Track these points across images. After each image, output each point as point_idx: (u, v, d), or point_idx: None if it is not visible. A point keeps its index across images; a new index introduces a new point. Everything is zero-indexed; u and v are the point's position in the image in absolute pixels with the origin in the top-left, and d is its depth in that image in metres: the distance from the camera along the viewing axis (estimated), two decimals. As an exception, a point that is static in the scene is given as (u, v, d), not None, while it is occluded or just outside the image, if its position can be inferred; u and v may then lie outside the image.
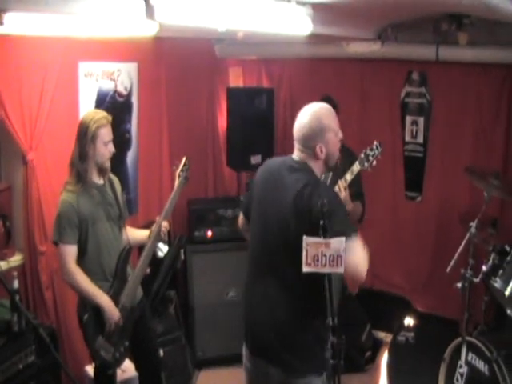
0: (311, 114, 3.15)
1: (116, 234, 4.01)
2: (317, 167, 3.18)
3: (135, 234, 4.23)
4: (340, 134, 3.26)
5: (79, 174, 3.79)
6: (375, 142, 4.18)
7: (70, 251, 3.76)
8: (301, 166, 3.15)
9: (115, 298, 3.88)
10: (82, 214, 3.77)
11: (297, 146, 3.19)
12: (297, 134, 3.17)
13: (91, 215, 3.82)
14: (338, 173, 4.38)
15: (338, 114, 4.53)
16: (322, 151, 3.12)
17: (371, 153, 4.16)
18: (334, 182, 4.19)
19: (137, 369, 4.34)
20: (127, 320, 3.94)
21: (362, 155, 4.19)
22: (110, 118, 3.89)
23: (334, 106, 4.57)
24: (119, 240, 4.03)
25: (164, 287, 5.06)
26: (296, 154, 3.20)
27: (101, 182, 3.96)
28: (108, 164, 3.93)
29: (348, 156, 4.65)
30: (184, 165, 4.12)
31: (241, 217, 3.56)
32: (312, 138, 3.11)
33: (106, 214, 3.93)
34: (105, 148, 3.83)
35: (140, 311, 4.11)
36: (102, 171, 3.93)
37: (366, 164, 4.17)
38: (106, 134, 3.83)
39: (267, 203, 3.19)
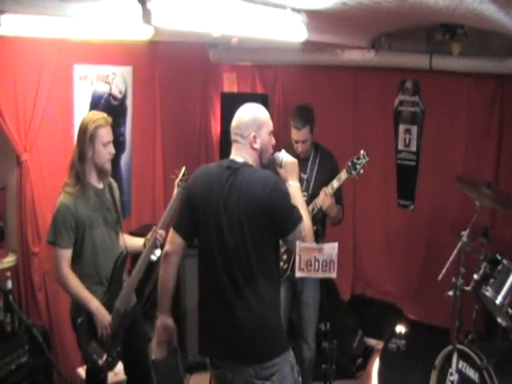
0: (249, 109, 3.29)
1: (113, 238, 3.99)
2: (254, 162, 3.27)
3: (130, 241, 4.20)
4: (273, 140, 3.34)
5: (78, 176, 3.76)
6: (362, 151, 4.23)
7: (65, 255, 3.73)
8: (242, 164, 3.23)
9: (110, 303, 3.87)
10: (80, 217, 3.74)
11: (234, 138, 3.28)
12: (234, 125, 3.28)
13: (88, 219, 3.79)
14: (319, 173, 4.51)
15: (315, 119, 4.59)
16: (256, 141, 3.22)
17: (358, 161, 4.20)
18: None
19: (126, 372, 4.30)
20: (120, 325, 3.94)
21: (350, 163, 4.23)
22: (109, 119, 3.83)
23: (311, 113, 4.64)
24: (116, 245, 4.01)
25: (156, 291, 5.04)
26: (233, 154, 3.28)
27: (100, 186, 3.92)
28: (108, 166, 3.88)
29: (327, 159, 4.70)
30: (183, 174, 4.08)
31: (176, 238, 3.52)
32: (248, 127, 3.22)
33: (103, 218, 3.90)
34: (104, 149, 3.78)
35: (133, 316, 4.10)
36: (101, 173, 3.88)
37: (353, 172, 4.21)
38: (105, 134, 3.78)
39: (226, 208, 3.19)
